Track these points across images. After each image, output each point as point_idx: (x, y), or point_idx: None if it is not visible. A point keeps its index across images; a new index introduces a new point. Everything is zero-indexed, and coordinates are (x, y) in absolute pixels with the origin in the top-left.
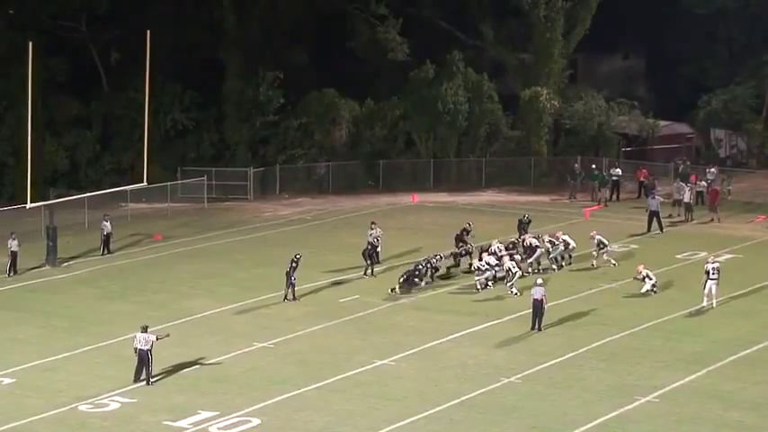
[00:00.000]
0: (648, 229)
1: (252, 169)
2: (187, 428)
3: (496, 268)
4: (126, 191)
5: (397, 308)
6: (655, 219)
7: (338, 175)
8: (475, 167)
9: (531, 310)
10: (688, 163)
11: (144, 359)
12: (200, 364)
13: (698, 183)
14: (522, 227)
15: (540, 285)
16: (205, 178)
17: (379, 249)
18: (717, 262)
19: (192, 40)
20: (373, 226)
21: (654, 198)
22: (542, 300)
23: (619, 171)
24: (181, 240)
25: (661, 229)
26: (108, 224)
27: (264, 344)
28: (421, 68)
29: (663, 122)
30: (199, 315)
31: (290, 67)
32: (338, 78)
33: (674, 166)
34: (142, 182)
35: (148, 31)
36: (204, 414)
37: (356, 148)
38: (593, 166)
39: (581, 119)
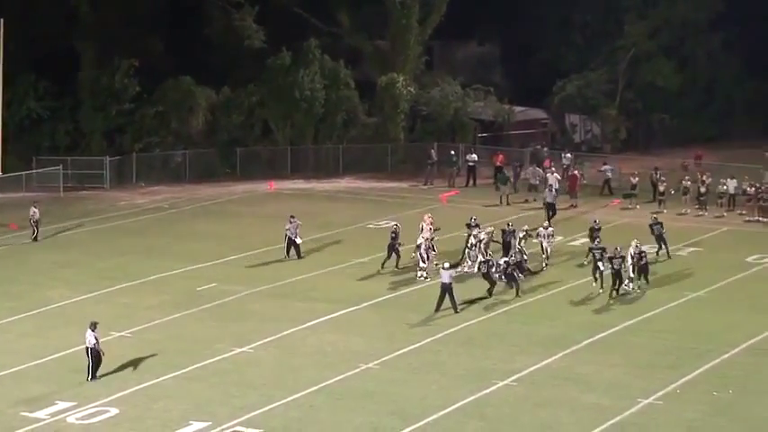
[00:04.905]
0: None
1: (108, 158)
2: (44, 419)
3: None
4: None
5: (255, 295)
6: (550, 210)
7: (195, 162)
8: (332, 154)
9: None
10: (546, 149)
11: (90, 355)
12: (58, 354)
13: (551, 168)
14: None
15: (447, 269)
16: (61, 167)
17: (299, 242)
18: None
19: (47, 29)
20: (292, 219)
21: (551, 190)
22: (450, 283)
23: (475, 156)
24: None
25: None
26: (37, 211)
27: (122, 333)
28: (277, 56)
29: (518, 108)
30: (56, 305)
31: (145, 54)
32: (194, 66)
33: (530, 152)
34: None
35: (1, 20)
36: (61, 404)
37: (213, 136)
38: (452, 152)
39: (437, 105)
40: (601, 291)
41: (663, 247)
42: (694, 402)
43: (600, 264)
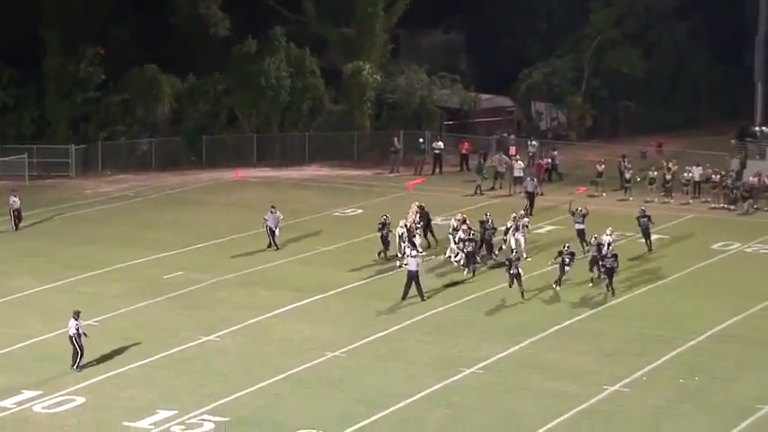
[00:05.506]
0: (531, 212)
1: (73, 146)
2: (11, 408)
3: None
4: None
5: (221, 284)
6: (530, 200)
7: (161, 151)
8: (298, 142)
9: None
10: (513, 137)
11: (72, 344)
12: (23, 343)
13: (516, 156)
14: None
15: (414, 257)
16: (26, 156)
17: (278, 233)
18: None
19: (11, 16)
20: (273, 210)
21: (533, 180)
22: (417, 270)
23: (441, 144)
24: (2, 219)
25: (531, 211)
26: (17, 200)
27: (88, 321)
28: (243, 44)
29: (484, 96)
30: (21, 294)
31: (110, 43)
32: (160, 54)
33: (496, 140)
34: None
35: None
36: (28, 393)
37: (179, 124)
38: (420, 140)
39: (403, 93)
40: (558, 289)
41: (646, 240)
42: (661, 389)
43: (566, 267)
